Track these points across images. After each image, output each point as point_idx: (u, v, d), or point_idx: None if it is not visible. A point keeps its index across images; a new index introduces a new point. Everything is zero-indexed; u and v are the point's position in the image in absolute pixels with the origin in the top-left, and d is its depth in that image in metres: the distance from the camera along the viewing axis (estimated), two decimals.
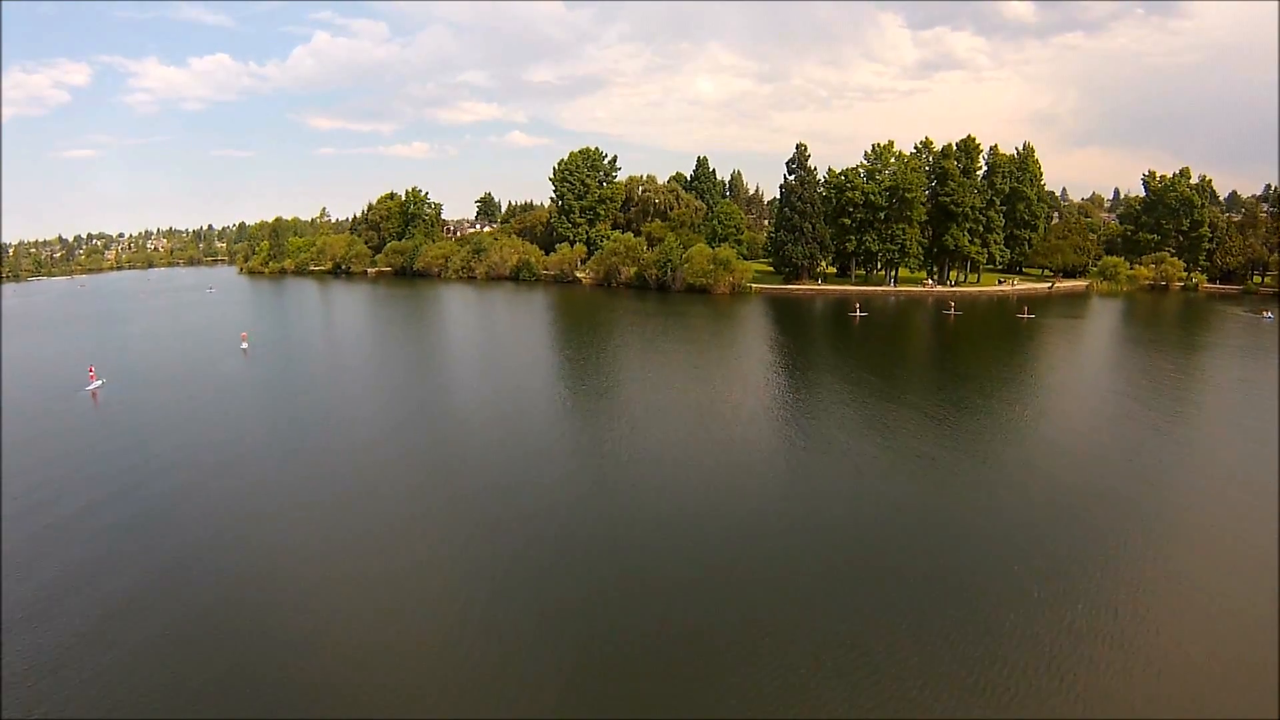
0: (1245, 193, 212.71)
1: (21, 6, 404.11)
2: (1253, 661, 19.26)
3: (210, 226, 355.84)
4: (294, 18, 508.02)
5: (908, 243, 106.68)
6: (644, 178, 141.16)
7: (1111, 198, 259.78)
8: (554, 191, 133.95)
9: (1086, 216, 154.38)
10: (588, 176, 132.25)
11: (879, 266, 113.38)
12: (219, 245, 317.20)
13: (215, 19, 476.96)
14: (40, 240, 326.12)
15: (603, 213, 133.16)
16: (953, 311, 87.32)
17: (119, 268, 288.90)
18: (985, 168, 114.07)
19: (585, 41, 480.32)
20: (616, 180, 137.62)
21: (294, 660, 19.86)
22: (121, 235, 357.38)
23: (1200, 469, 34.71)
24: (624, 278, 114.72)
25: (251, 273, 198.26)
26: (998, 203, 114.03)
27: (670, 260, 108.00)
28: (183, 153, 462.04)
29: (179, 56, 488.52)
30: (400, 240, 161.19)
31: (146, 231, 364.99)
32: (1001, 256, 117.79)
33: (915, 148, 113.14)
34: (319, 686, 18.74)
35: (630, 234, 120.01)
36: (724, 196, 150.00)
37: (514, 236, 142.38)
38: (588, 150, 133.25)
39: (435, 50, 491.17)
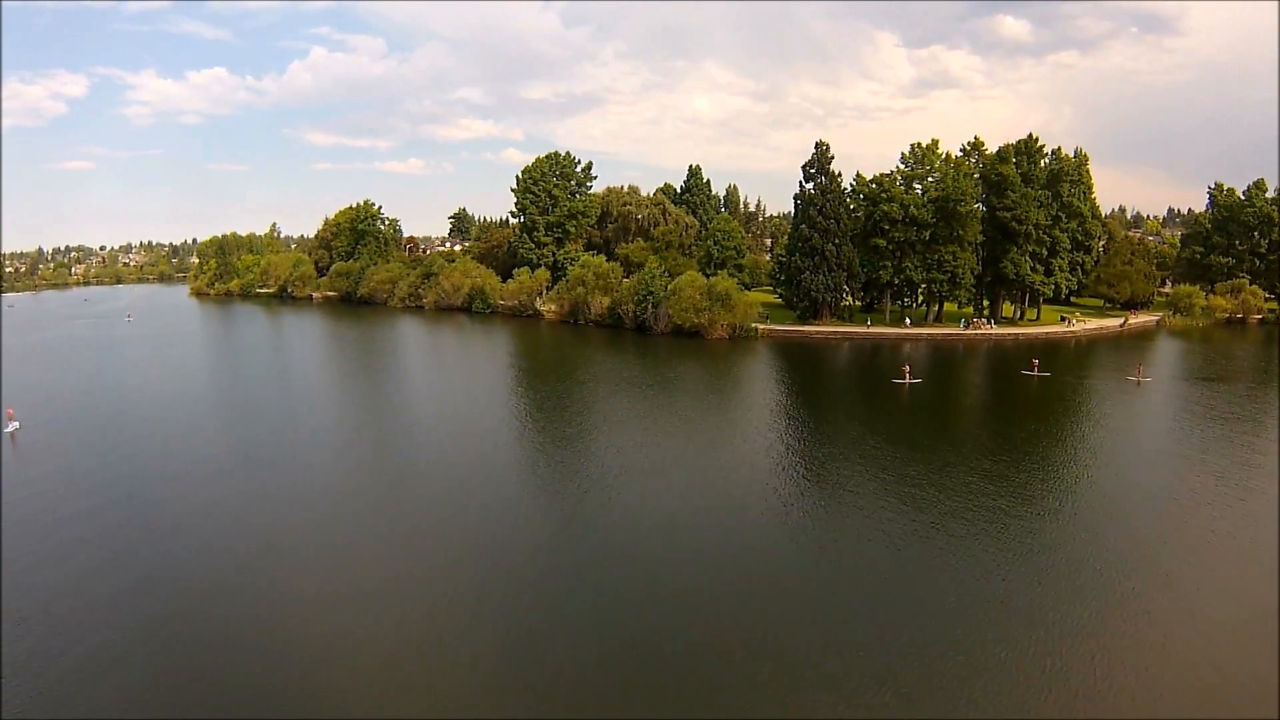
0: None
1: (19, 17, 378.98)
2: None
3: (194, 240, 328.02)
4: (292, 32, 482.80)
5: (959, 270, 77.65)
6: (624, 189, 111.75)
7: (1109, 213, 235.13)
8: (515, 205, 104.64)
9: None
10: (556, 186, 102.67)
11: (919, 300, 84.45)
12: (192, 261, 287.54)
13: (213, 32, 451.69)
14: (17, 253, 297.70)
15: (573, 230, 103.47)
16: (1035, 371, 58.30)
17: (86, 283, 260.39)
18: (1048, 175, 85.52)
19: (582, 59, 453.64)
20: (591, 192, 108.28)
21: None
22: (103, 248, 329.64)
23: None
24: (594, 313, 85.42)
25: (199, 294, 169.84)
26: (1064, 219, 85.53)
27: (652, 292, 78.91)
28: (179, 166, 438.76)
29: (176, 69, 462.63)
30: (349, 260, 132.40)
31: (128, 245, 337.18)
32: (1068, 286, 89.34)
33: (963, 148, 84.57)
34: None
35: (602, 256, 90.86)
36: (719, 211, 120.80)
37: (469, 259, 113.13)
38: (556, 155, 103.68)
39: (432, 66, 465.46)
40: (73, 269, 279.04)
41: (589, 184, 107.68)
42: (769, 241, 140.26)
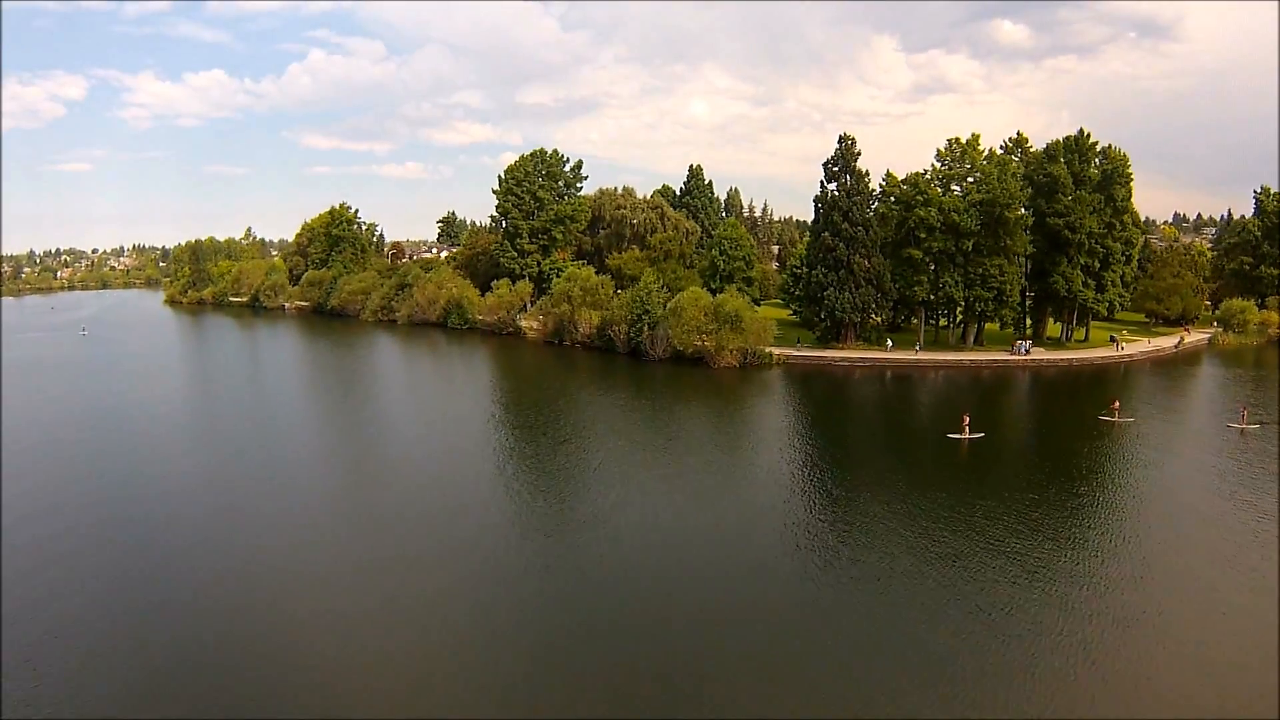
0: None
1: (19, 18, 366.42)
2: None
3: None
4: (291, 35, 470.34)
5: (1006, 286, 64.80)
6: (618, 190, 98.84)
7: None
8: (496, 208, 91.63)
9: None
10: (541, 187, 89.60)
11: (956, 320, 71.57)
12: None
13: (211, 35, 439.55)
14: (7, 255, 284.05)
15: (560, 236, 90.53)
16: (1116, 416, 45.38)
17: (71, 288, 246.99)
18: (1100, 176, 72.63)
19: (580, 64, 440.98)
20: (581, 194, 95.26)
21: None
22: (95, 251, 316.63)
23: None
24: (582, 333, 72.34)
25: (172, 302, 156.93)
26: (1119, 226, 72.73)
27: (648, 311, 65.99)
28: (177, 169, 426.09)
29: (175, 72, 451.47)
30: (322, 269, 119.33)
31: (119, 248, 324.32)
32: (1120, 303, 76.60)
33: (1005, 145, 71.75)
34: None
35: (590, 268, 77.81)
36: (722, 217, 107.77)
37: (448, 268, 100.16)
38: (541, 153, 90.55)
39: (431, 70, 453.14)
40: (58, 273, 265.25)
41: (579, 185, 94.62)
42: (775, 249, 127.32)
